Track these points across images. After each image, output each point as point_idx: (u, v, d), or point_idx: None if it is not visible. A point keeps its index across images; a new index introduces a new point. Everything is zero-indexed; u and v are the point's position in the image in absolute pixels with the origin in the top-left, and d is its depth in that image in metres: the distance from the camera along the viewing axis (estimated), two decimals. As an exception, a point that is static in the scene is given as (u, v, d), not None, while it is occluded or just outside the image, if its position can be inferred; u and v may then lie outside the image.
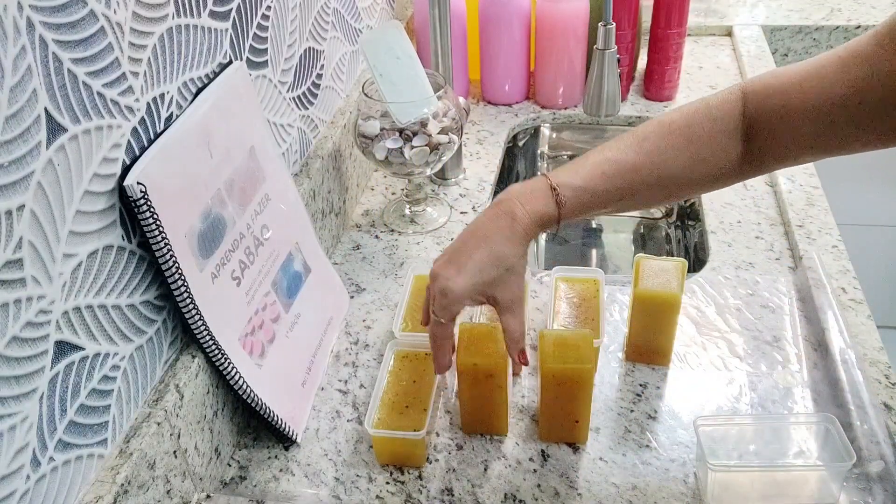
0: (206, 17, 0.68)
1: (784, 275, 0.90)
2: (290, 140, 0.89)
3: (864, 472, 0.66)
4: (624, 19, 1.19)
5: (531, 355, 0.81)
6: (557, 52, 1.24)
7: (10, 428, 0.48)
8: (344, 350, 0.84)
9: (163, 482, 0.61)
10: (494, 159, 1.18)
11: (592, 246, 1.29)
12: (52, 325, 0.51)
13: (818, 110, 0.58)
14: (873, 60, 0.55)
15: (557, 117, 1.29)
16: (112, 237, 0.57)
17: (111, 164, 0.56)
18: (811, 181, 1.04)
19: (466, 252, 0.64)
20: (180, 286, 0.61)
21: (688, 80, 1.34)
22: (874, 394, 0.72)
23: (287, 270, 0.78)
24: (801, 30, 1.50)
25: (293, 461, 0.72)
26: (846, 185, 1.55)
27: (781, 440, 0.68)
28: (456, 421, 0.75)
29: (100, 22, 0.54)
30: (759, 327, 0.83)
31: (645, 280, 0.75)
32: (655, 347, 0.79)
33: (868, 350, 0.78)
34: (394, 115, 0.91)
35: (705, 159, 0.64)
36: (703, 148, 0.64)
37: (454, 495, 0.68)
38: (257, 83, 0.79)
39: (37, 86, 0.48)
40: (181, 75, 0.65)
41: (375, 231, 1.04)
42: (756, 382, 0.77)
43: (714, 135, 0.64)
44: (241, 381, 0.67)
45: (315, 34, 0.94)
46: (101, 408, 0.57)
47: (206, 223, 0.65)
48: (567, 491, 0.68)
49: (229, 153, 0.69)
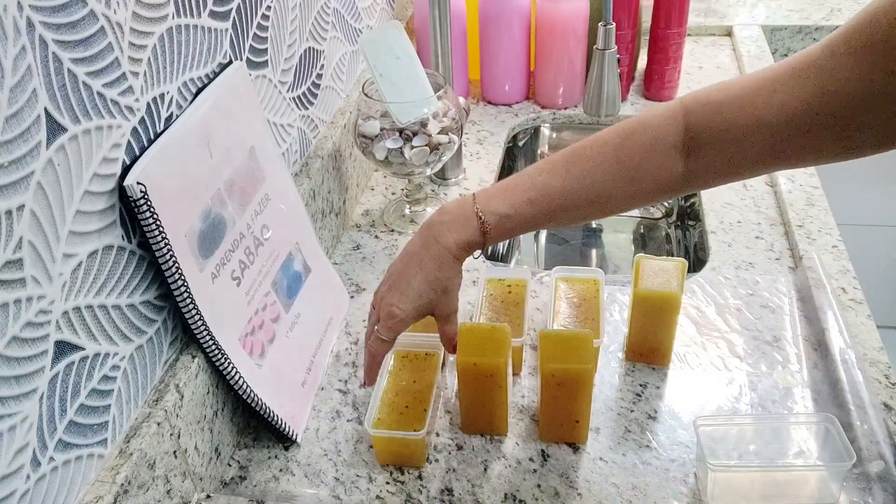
0: (206, 17, 0.68)
1: (784, 275, 0.90)
2: (290, 140, 0.89)
3: (864, 472, 0.66)
4: (624, 19, 1.19)
5: (531, 356, 0.81)
6: (557, 52, 1.24)
7: (10, 428, 0.48)
8: (344, 350, 0.84)
9: (163, 482, 0.61)
10: (494, 159, 1.18)
11: (592, 246, 1.29)
12: (52, 325, 0.51)
13: (769, 125, 0.56)
14: (826, 71, 0.53)
15: (557, 117, 1.29)
16: (112, 237, 0.57)
17: (111, 164, 0.56)
18: (811, 181, 1.04)
19: (405, 279, 0.69)
20: (180, 286, 0.61)
21: (688, 80, 1.34)
22: (874, 394, 0.72)
23: (287, 270, 0.78)
24: (801, 30, 1.50)
25: (293, 461, 0.72)
26: (846, 185, 1.55)
27: (781, 440, 0.68)
28: (456, 421, 0.75)
29: (100, 22, 0.54)
30: (759, 327, 0.83)
31: (645, 280, 0.75)
32: (655, 347, 0.79)
33: (868, 350, 0.78)
34: (394, 115, 0.91)
35: (638, 178, 0.64)
36: (636, 169, 0.63)
37: (454, 495, 0.68)
38: (257, 83, 0.79)
39: (37, 86, 0.48)
40: (181, 75, 0.65)
41: (375, 231, 1.04)
42: (756, 382, 0.77)
43: (649, 155, 0.63)
44: (241, 381, 0.67)
45: (315, 34, 0.94)
46: (101, 408, 0.57)
47: (206, 223, 0.65)
48: (567, 491, 0.68)
49: (229, 153, 0.69)
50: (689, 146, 0.62)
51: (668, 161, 0.63)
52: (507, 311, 0.82)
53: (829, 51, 0.53)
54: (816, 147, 0.56)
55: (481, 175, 1.14)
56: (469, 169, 1.15)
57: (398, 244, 1.01)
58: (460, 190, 1.11)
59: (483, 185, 1.11)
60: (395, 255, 0.98)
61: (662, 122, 0.63)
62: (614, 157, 0.64)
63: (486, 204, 0.67)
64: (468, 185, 1.12)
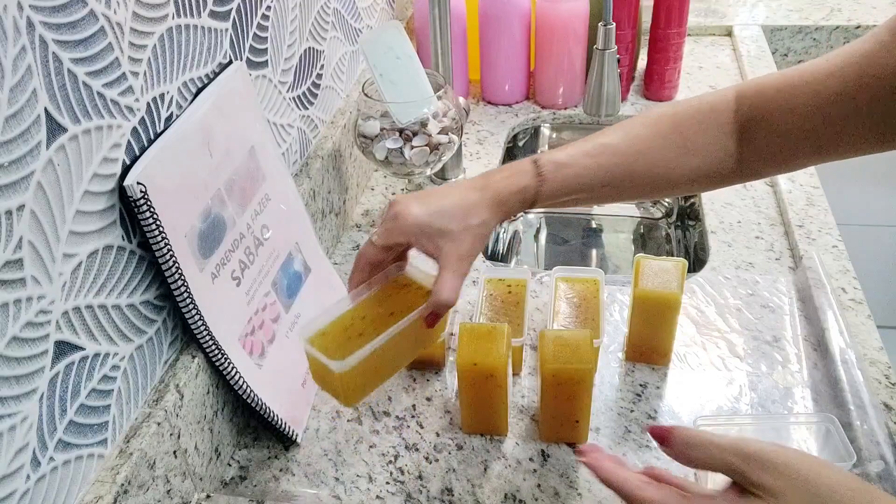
0: (206, 17, 0.68)
1: (784, 275, 0.90)
2: (290, 140, 0.89)
3: (864, 472, 0.66)
4: (624, 19, 1.19)
5: (531, 356, 0.81)
6: (557, 52, 1.24)
7: (10, 428, 0.48)
8: (344, 350, 0.84)
9: (163, 482, 0.61)
10: (494, 159, 1.18)
11: (592, 246, 1.29)
12: (52, 325, 0.51)
13: (811, 107, 0.58)
14: (870, 56, 0.55)
15: (557, 117, 1.29)
16: (112, 237, 0.57)
17: (111, 164, 0.56)
18: (811, 181, 1.04)
19: (435, 195, 0.62)
20: (180, 286, 0.61)
21: (688, 79, 1.34)
22: (874, 394, 0.72)
23: (287, 270, 0.78)
24: (801, 30, 1.50)
25: (293, 461, 0.72)
26: (846, 185, 1.55)
27: (781, 440, 0.68)
28: (456, 421, 0.75)
29: (100, 22, 0.54)
30: (759, 327, 0.83)
31: (645, 280, 0.75)
32: (655, 347, 0.79)
33: (868, 350, 0.78)
34: (394, 115, 0.91)
35: (693, 150, 0.63)
36: (692, 138, 0.63)
37: (454, 495, 0.68)
38: (257, 83, 0.79)
39: (37, 86, 0.48)
40: (181, 75, 0.65)
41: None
42: (756, 382, 0.77)
43: (704, 126, 0.63)
44: (241, 381, 0.67)
45: (315, 34, 0.94)
46: (101, 408, 0.57)
47: (206, 223, 0.65)
48: (567, 491, 0.68)
49: (229, 153, 0.69)
50: (741, 130, 0.63)
51: (721, 138, 0.63)
52: (507, 311, 0.82)
53: (874, 39, 0.55)
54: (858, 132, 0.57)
55: (481, 175, 1.14)
56: (469, 169, 1.15)
57: (398, 244, 1.01)
58: (460, 190, 1.11)
59: (483, 185, 1.11)
60: (395, 255, 0.98)
61: (718, 102, 0.63)
62: (670, 125, 0.64)
63: (542, 155, 0.64)
64: (468, 185, 1.12)
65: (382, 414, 0.76)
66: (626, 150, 0.64)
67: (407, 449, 0.72)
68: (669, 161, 0.64)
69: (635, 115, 0.67)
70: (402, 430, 0.74)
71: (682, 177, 0.65)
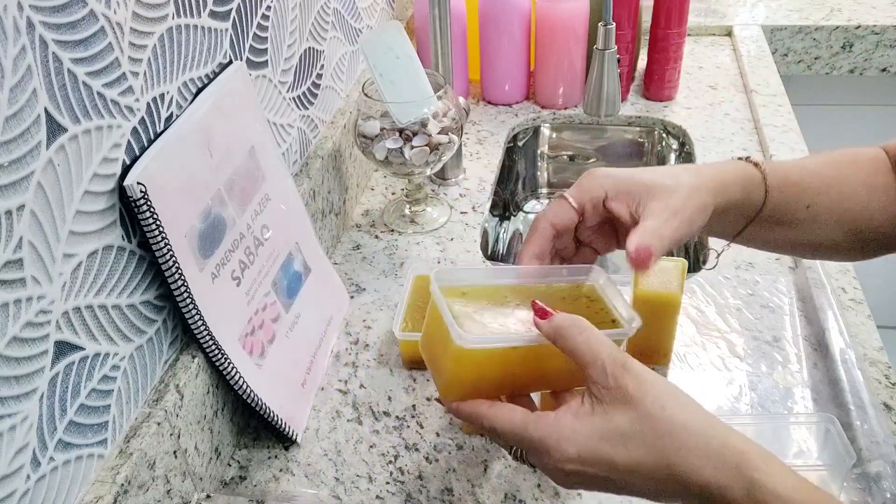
0: (206, 17, 0.68)
1: (784, 275, 0.90)
2: (290, 140, 0.89)
3: (864, 472, 0.66)
4: (624, 19, 1.19)
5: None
6: (557, 52, 1.24)
7: (10, 428, 0.48)
8: (344, 350, 0.84)
9: (163, 482, 0.61)
10: (494, 159, 1.18)
11: (592, 246, 1.29)
12: (52, 325, 0.51)
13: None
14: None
15: (557, 117, 1.29)
16: (112, 237, 0.57)
17: (111, 164, 0.56)
18: (811, 181, 1.04)
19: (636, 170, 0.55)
20: (180, 286, 0.61)
21: (688, 79, 1.34)
22: (874, 394, 0.72)
23: (287, 270, 0.78)
24: (801, 30, 1.50)
25: (293, 461, 0.72)
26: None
27: (781, 440, 0.68)
28: (456, 421, 0.75)
29: (100, 22, 0.54)
30: (759, 327, 0.83)
31: (645, 280, 0.75)
32: (655, 347, 0.79)
33: (868, 350, 0.78)
34: (394, 115, 0.91)
35: (877, 187, 0.59)
36: (871, 175, 0.59)
37: (454, 495, 0.68)
38: (257, 83, 0.79)
39: (37, 86, 0.48)
40: (181, 75, 0.65)
41: (375, 231, 1.04)
42: (756, 382, 0.77)
43: (873, 170, 0.60)
44: (241, 381, 0.67)
45: (315, 34, 0.94)
46: (101, 408, 0.57)
47: (206, 223, 0.65)
48: (567, 491, 0.68)
49: (229, 153, 0.69)
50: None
51: (890, 183, 0.59)
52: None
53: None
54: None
55: (481, 175, 1.14)
56: (469, 169, 1.15)
57: (398, 244, 1.01)
58: (460, 190, 1.11)
59: (483, 186, 1.11)
60: (395, 255, 0.98)
61: (870, 154, 0.62)
62: (849, 159, 0.61)
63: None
64: (468, 185, 1.12)
65: (382, 414, 0.76)
66: (821, 172, 0.60)
67: (407, 449, 0.72)
68: (858, 194, 0.59)
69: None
70: (402, 430, 0.74)
71: (869, 215, 0.59)
